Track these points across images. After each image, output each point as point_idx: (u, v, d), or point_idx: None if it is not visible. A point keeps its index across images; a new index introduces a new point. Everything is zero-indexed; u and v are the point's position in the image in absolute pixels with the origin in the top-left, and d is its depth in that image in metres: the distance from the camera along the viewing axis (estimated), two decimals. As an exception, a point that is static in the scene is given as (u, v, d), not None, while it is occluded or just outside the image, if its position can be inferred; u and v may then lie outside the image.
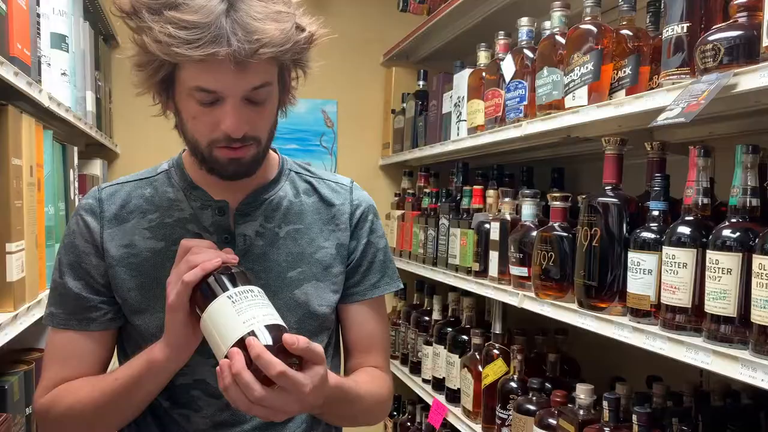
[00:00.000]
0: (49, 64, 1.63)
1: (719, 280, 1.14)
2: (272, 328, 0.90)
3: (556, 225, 1.66)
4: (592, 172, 2.31)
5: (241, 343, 0.88)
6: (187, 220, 1.10)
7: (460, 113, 2.34)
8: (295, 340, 0.88)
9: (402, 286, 1.27)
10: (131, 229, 1.10)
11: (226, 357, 0.88)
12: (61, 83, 1.73)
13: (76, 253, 1.09)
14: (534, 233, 1.75)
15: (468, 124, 2.23)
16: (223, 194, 1.11)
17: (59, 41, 1.70)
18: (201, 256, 0.95)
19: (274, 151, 1.20)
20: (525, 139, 1.87)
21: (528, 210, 1.82)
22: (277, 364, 0.85)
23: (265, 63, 0.97)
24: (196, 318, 0.96)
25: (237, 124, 0.98)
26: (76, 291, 1.08)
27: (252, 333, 0.89)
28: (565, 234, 1.63)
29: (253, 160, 1.05)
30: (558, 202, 1.66)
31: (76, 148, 1.91)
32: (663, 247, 1.29)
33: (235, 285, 0.95)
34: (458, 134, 2.35)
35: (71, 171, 1.84)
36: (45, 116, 1.73)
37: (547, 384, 1.87)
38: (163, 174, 1.16)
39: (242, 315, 0.91)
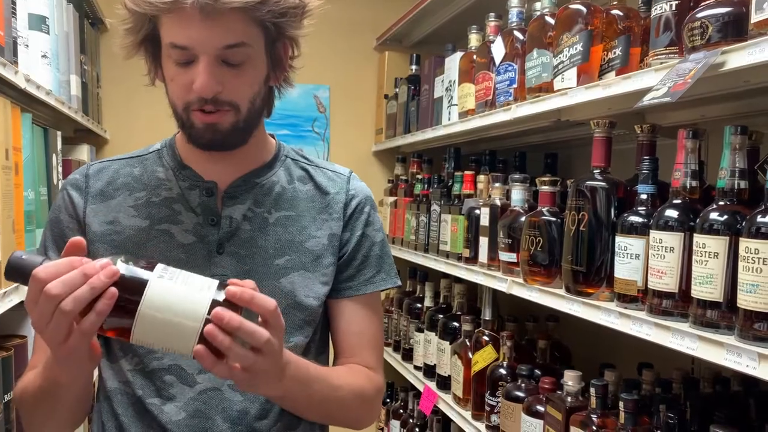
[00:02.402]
0: (27, 46, 1.60)
1: (706, 264, 1.11)
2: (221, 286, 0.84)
3: (544, 210, 1.63)
4: (585, 158, 2.27)
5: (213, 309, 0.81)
6: (174, 200, 1.08)
7: (452, 97, 2.31)
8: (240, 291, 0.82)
9: (399, 283, 1.20)
10: (116, 206, 1.08)
11: (203, 329, 0.80)
12: (41, 66, 1.70)
13: (60, 227, 1.08)
14: (523, 218, 1.72)
15: (459, 109, 2.20)
16: (212, 175, 1.08)
17: (39, 22, 1.67)
18: (75, 298, 0.79)
19: (272, 137, 1.18)
20: (515, 122, 1.84)
21: (517, 195, 1.79)
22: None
23: (239, 21, 0.95)
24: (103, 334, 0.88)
25: (206, 82, 0.95)
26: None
27: (216, 296, 0.82)
28: (553, 219, 1.60)
29: (231, 129, 1.01)
30: (546, 187, 1.64)
31: (59, 133, 1.88)
32: (650, 231, 1.26)
33: (146, 266, 0.83)
34: (449, 119, 2.32)
35: (54, 156, 1.82)
36: (27, 100, 1.70)
37: (536, 371, 1.85)
38: (154, 153, 1.14)
39: (190, 285, 0.83)
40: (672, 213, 1.22)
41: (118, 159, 1.15)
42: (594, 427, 1.44)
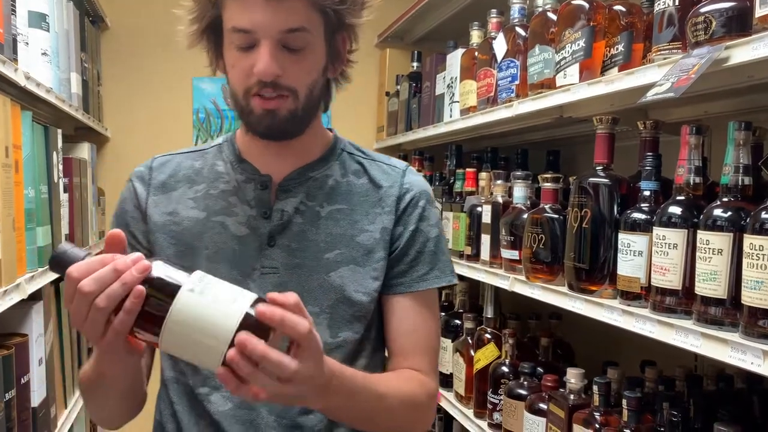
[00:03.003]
0: (27, 43, 1.59)
1: (710, 261, 1.11)
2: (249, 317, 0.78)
3: (546, 207, 1.62)
4: (588, 155, 2.26)
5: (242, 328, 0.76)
6: (230, 193, 1.09)
7: (453, 94, 2.30)
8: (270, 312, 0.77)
9: (455, 281, 1.15)
10: (177, 198, 1.10)
11: (230, 346, 0.77)
12: (41, 63, 1.69)
13: (125, 217, 1.11)
14: (525, 216, 1.71)
15: (460, 106, 2.19)
16: (268, 169, 1.09)
17: (39, 20, 1.66)
18: (108, 295, 0.78)
19: (330, 130, 1.18)
20: (517, 119, 1.83)
21: (519, 192, 1.79)
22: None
23: (301, 5, 0.97)
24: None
25: (267, 65, 0.96)
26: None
27: (246, 316, 0.77)
28: (556, 216, 1.59)
29: (289, 116, 1.01)
30: (549, 184, 1.63)
31: (59, 131, 1.87)
32: (653, 227, 1.25)
33: (174, 289, 0.78)
34: (451, 116, 2.31)
35: (54, 153, 1.81)
36: (27, 98, 1.70)
37: (539, 368, 1.84)
38: (215, 147, 1.16)
39: (220, 302, 0.78)
40: (675, 210, 1.22)
41: (181, 153, 1.17)
42: (597, 425, 1.43)
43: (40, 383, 1.68)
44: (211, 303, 0.77)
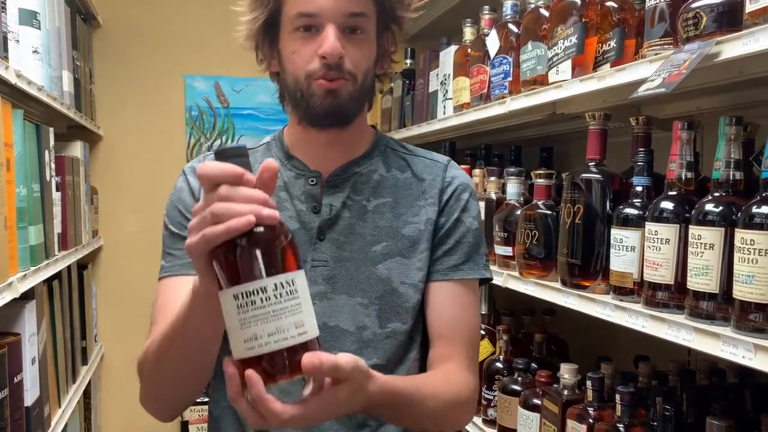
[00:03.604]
0: (18, 41, 1.59)
1: (701, 256, 1.11)
2: (276, 356, 0.73)
3: (540, 203, 1.63)
4: (581, 151, 2.26)
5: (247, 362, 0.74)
6: (280, 188, 1.11)
7: (446, 91, 2.30)
8: (313, 365, 0.73)
9: (491, 277, 1.16)
10: None
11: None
12: (32, 61, 1.69)
13: (183, 206, 1.10)
14: (518, 212, 1.71)
15: (454, 102, 2.19)
16: (317, 165, 1.12)
17: (29, 17, 1.65)
18: (229, 208, 0.73)
19: (373, 128, 1.21)
20: (510, 116, 1.83)
21: (513, 188, 1.79)
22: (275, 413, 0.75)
23: None
24: None
25: (334, 45, 1.00)
26: (180, 240, 1.07)
27: (254, 359, 0.73)
28: (549, 212, 1.60)
29: (349, 98, 1.05)
30: (542, 180, 1.63)
31: (51, 129, 1.86)
32: (645, 222, 1.25)
33: (250, 274, 0.73)
34: (444, 113, 2.31)
35: (46, 152, 1.80)
36: (18, 96, 1.69)
37: (533, 364, 1.85)
38: (263, 146, 1.19)
39: (245, 329, 0.73)
40: (667, 205, 1.22)
41: None
42: (590, 420, 1.44)
43: (34, 382, 1.67)
44: (233, 321, 0.74)
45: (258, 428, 0.78)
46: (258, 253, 0.74)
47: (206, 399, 2.87)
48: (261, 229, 0.74)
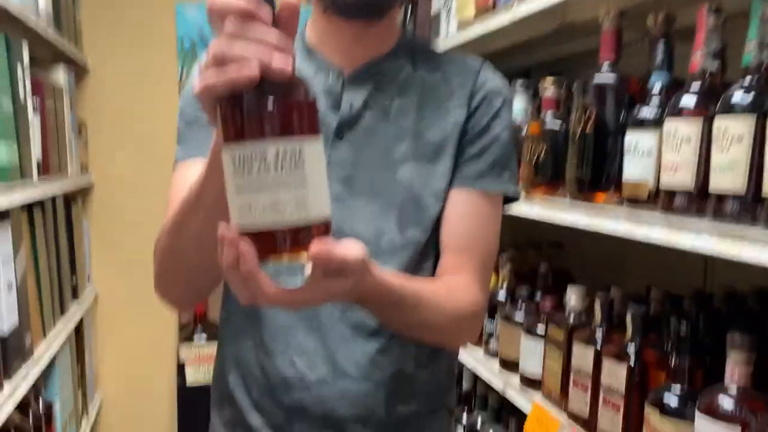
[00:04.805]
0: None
1: (728, 151, 0.99)
2: (271, 233, 0.64)
3: (548, 115, 1.50)
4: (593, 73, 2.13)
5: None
6: None
7: (450, 9, 2.15)
8: (319, 257, 0.65)
9: (516, 196, 1.05)
10: None
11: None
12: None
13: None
14: (524, 129, 1.59)
15: (457, 18, 2.05)
16: (339, 60, 1.02)
17: None
18: (232, 51, 0.63)
19: (403, 28, 1.09)
20: (517, 27, 1.69)
21: (518, 104, 1.66)
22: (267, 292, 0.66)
23: None
24: None
25: None
26: (196, 126, 0.99)
27: (246, 233, 0.64)
28: (558, 124, 1.47)
29: None
30: (551, 89, 1.50)
31: (25, 41, 1.74)
32: (664, 121, 1.13)
33: (250, 133, 0.63)
34: (447, 33, 2.17)
35: (19, 66, 1.69)
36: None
37: (537, 295, 1.75)
38: None
39: (240, 196, 0.64)
40: (689, 99, 1.09)
41: None
42: (598, 344, 1.34)
43: (10, 310, 1.59)
44: (230, 185, 0.64)
45: (247, 304, 0.69)
46: (262, 109, 0.63)
47: (202, 340, 2.80)
48: (272, 80, 0.63)
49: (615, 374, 1.27)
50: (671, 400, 1.15)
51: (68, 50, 2.34)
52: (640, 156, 1.19)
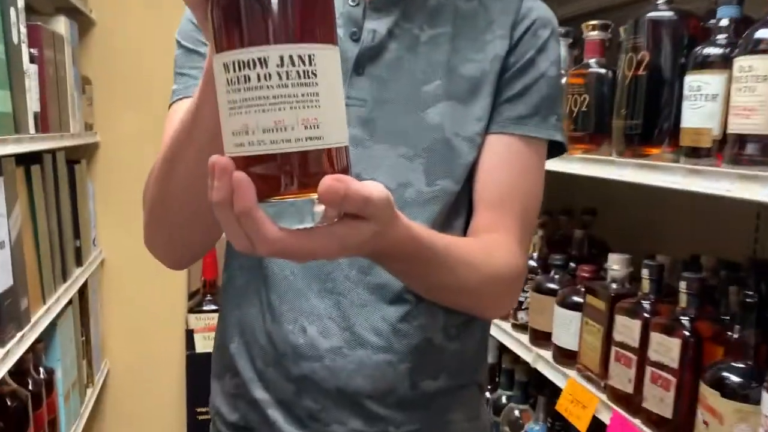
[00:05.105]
0: None
1: (819, 87, 0.84)
2: (274, 162, 0.51)
3: (591, 61, 1.35)
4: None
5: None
6: None
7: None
8: (334, 192, 0.51)
9: (564, 143, 0.90)
10: None
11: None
12: None
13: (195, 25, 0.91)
14: (564, 78, 1.44)
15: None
16: None
17: None
18: None
19: None
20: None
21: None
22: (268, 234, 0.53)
23: None
24: None
25: None
26: (197, 56, 0.89)
27: (247, 160, 0.51)
28: (603, 71, 1.32)
29: None
30: (595, 32, 1.35)
31: (18, -17, 1.61)
32: (734, 60, 0.98)
33: (249, 36, 0.50)
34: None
35: (12, 9, 1.55)
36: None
37: (571, 263, 1.61)
38: None
39: (234, 117, 0.51)
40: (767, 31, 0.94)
41: None
42: (645, 315, 1.20)
43: (3, 269, 1.48)
44: (223, 106, 0.52)
45: (242, 251, 0.55)
46: (264, 5, 0.50)
47: (211, 306, 2.69)
48: None
49: (665, 348, 1.13)
50: (733, 378, 1.01)
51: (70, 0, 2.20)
52: (704, 100, 1.04)
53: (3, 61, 1.51)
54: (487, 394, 1.90)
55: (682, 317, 1.13)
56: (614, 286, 1.32)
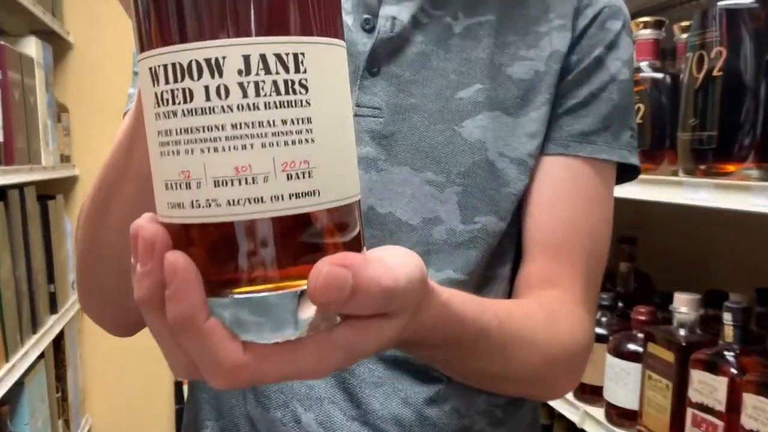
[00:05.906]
0: None
1: None
2: (234, 234, 0.30)
3: (644, 64, 1.15)
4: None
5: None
6: None
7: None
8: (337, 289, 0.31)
9: (638, 167, 0.69)
10: None
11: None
12: None
13: None
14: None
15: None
16: None
17: None
18: None
19: None
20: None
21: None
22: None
23: None
24: None
25: None
26: None
27: (190, 229, 0.31)
28: (660, 75, 1.12)
29: None
30: (647, 31, 1.15)
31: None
32: None
33: (191, 26, 0.30)
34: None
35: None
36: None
37: (618, 303, 1.39)
38: None
39: (166, 159, 0.31)
40: None
41: None
42: (734, 371, 0.98)
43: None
44: (151, 141, 0.32)
45: (186, 378, 0.36)
46: None
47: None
48: None
49: (766, 414, 0.91)
50: None
51: (43, 20, 2.01)
52: (809, 103, 0.83)
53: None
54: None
55: (784, 374, 0.90)
56: (682, 332, 1.10)
